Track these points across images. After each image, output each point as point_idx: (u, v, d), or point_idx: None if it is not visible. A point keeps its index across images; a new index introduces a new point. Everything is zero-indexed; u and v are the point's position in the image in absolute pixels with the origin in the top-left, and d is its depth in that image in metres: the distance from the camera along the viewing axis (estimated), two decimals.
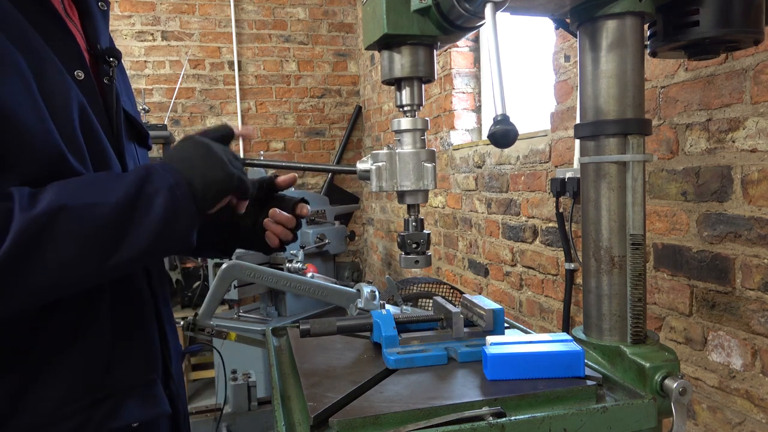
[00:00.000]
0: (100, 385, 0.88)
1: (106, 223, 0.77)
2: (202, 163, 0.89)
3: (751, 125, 1.45)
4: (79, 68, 0.88)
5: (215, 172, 0.89)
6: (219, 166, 0.89)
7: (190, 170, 0.87)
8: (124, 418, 0.90)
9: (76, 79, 0.87)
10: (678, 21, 1.00)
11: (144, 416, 0.92)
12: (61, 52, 0.85)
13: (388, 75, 1.00)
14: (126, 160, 0.96)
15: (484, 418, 0.78)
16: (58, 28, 0.87)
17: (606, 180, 1.00)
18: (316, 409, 0.81)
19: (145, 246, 0.80)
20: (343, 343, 1.12)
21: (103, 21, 1.00)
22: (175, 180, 0.84)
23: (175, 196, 0.83)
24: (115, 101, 0.95)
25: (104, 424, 0.88)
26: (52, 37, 0.85)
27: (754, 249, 1.46)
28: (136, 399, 0.92)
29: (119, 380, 0.90)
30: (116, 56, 0.97)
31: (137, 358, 0.94)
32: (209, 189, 0.88)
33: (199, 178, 0.87)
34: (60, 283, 0.77)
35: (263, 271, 2.53)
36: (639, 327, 1.00)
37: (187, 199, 0.84)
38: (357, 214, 5.44)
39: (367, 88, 5.13)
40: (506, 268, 2.80)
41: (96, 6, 1.00)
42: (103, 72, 0.95)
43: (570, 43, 2.21)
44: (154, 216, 0.81)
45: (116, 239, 0.78)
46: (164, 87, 4.88)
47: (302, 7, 5.15)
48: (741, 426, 1.53)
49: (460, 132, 3.40)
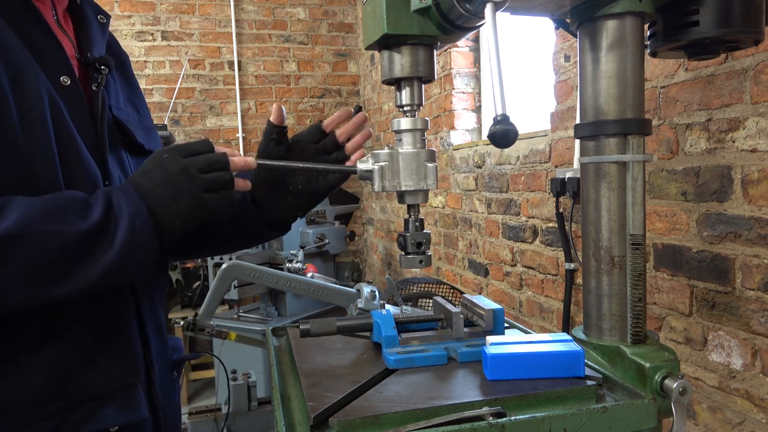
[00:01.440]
0: (77, 387, 0.88)
1: (61, 255, 0.77)
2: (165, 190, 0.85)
3: (751, 125, 1.45)
4: (65, 74, 0.89)
5: (179, 203, 0.86)
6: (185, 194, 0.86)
7: (152, 197, 0.84)
8: (101, 422, 0.89)
9: (61, 84, 0.88)
10: (678, 21, 1.00)
11: (122, 420, 0.92)
12: (45, 58, 0.87)
13: (388, 75, 1.00)
14: (109, 167, 0.95)
15: (484, 418, 0.78)
16: (44, 35, 0.89)
17: (606, 180, 1.00)
18: (316, 409, 0.81)
19: (97, 277, 0.80)
20: (343, 343, 1.12)
21: (100, 32, 1.02)
22: (137, 208, 0.82)
23: (134, 227, 0.81)
24: (101, 108, 0.95)
25: (81, 427, 0.88)
26: (37, 43, 0.87)
27: (754, 249, 1.46)
28: (115, 403, 0.92)
29: (97, 383, 0.90)
30: (107, 64, 0.98)
31: (116, 363, 0.94)
32: (174, 221, 0.86)
33: (160, 208, 0.85)
34: (3, 305, 0.77)
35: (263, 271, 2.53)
36: (639, 327, 1.00)
37: (147, 230, 0.83)
38: (357, 214, 5.44)
39: (367, 88, 5.13)
40: (506, 268, 2.80)
41: (95, 19, 1.02)
42: (93, 79, 0.96)
43: (570, 43, 2.21)
44: (113, 249, 0.80)
45: (69, 270, 0.78)
46: (164, 87, 4.88)
47: (302, 7, 5.15)
48: (741, 426, 1.53)
49: (460, 132, 3.40)
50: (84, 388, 0.89)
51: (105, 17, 1.05)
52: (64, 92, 0.88)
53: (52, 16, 0.95)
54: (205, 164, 0.89)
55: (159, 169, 0.86)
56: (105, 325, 0.93)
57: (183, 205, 0.85)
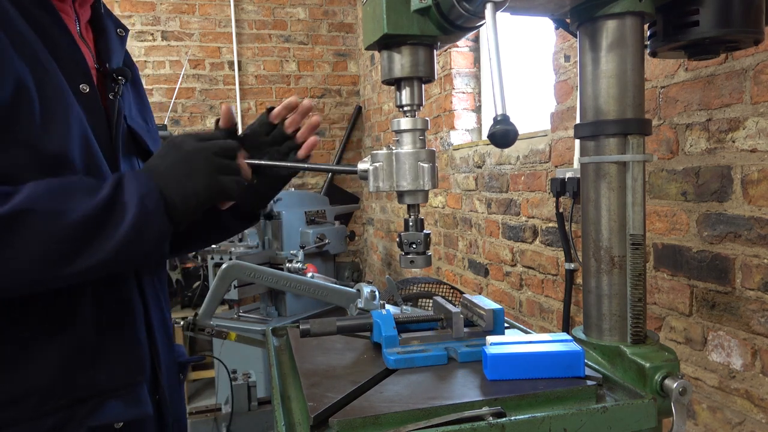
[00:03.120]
0: (83, 382, 0.89)
1: (70, 231, 0.78)
2: (180, 170, 0.88)
3: (751, 125, 1.45)
4: (84, 82, 0.93)
5: (195, 181, 0.88)
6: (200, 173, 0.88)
7: (165, 178, 0.87)
8: (106, 417, 0.91)
9: (81, 91, 0.92)
10: (678, 21, 1.00)
11: (126, 416, 0.93)
12: (67, 66, 0.90)
13: (388, 75, 1.00)
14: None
15: (484, 418, 0.78)
16: (67, 44, 0.92)
17: (606, 180, 1.00)
18: (316, 409, 0.81)
19: (107, 257, 0.81)
20: (343, 343, 1.12)
21: (119, 44, 1.06)
22: (147, 189, 0.84)
23: (145, 207, 0.83)
24: (117, 116, 0.98)
25: (86, 422, 0.89)
26: (60, 51, 0.90)
27: (754, 249, 1.46)
28: (120, 399, 0.93)
29: (103, 380, 0.92)
30: (125, 75, 1.02)
31: (122, 360, 0.95)
32: (187, 200, 0.87)
33: (174, 188, 0.87)
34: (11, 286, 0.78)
35: (263, 271, 2.53)
36: (639, 327, 1.00)
37: (158, 211, 0.84)
38: (357, 214, 5.44)
39: (367, 88, 5.13)
40: (506, 268, 2.80)
41: (114, 32, 1.06)
42: (110, 89, 0.99)
43: (570, 43, 2.21)
44: (122, 228, 0.81)
45: (78, 249, 0.79)
46: (164, 87, 4.88)
47: (302, 7, 5.15)
48: (741, 426, 1.53)
49: (460, 132, 3.40)
50: (90, 384, 0.90)
51: (124, 31, 1.09)
52: (83, 99, 0.91)
53: (75, 27, 0.99)
54: (219, 149, 0.93)
55: (174, 150, 0.90)
56: (112, 321, 0.94)
57: (198, 183, 0.88)
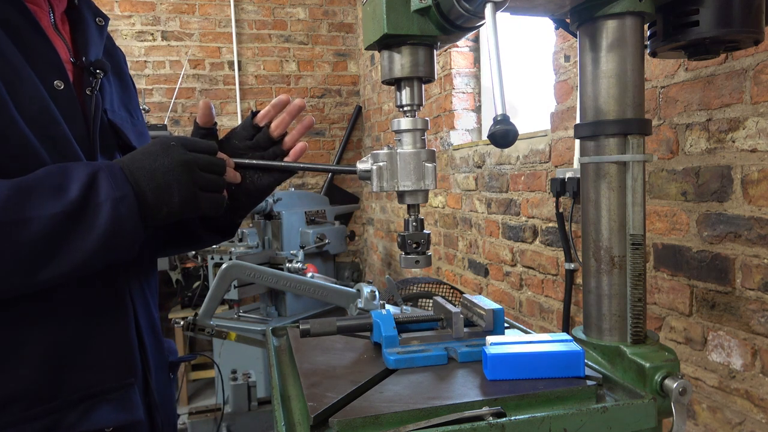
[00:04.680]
0: (70, 386, 0.88)
1: (35, 239, 0.75)
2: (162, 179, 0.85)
3: (751, 125, 1.45)
4: (58, 78, 0.90)
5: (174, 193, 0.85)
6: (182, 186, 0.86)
7: (145, 182, 0.84)
8: (96, 422, 0.89)
9: (55, 88, 0.89)
10: (678, 21, 1.00)
11: (117, 421, 0.91)
12: (38, 63, 0.87)
13: (388, 75, 1.00)
14: None
15: (484, 418, 0.78)
16: (38, 39, 0.89)
17: (606, 180, 1.00)
18: (316, 409, 0.81)
19: (80, 261, 0.79)
20: (343, 343, 1.12)
21: (97, 35, 1.02)
22: (122, 193, 0.81)
23: (118, 212, 0.80)
24: (94, 111, 0.95)
25: (75, 427, 0.87)
26: (31, 47, 0.87)
27: (754, 249, 1.46)
28: (110, 403, 0.91)
29: (92, 383, 0.90)
30: (103, 68, 0.98)
31: (111, 362, 0.93)
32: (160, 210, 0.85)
33: (151, 196, 0.84)
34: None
35: (263, 271, 2.53)
36: (639, 327, 1.00)
37: (131, 217, 0.82)
38: (357, 214, 5.44)
39: (367, 88, 5.13)
40: (506, 268, 2.80)
41: (92, 21, 1.02)
42: (87, 83, 0.96)
43: (570, 43, 2.21)
44: (91, 236, 0.79)
45: (47, 255, 0.77)
46: (164, 87, 4.88)
47: (302, 7, 5.15)
48: (741, 426, 1.53)
49: (460, 132, 3.40)
50: (78, 387, 0.89)
51: (103, 19, 1.04)
52: (57, 96, 0.88)
53: (49, 19, 0.95)
54: (206, 164, 0.90)
55: (164, 155, 0.86)
56: (98, 322, 0.93)
57: (177, 195, 0.86)
